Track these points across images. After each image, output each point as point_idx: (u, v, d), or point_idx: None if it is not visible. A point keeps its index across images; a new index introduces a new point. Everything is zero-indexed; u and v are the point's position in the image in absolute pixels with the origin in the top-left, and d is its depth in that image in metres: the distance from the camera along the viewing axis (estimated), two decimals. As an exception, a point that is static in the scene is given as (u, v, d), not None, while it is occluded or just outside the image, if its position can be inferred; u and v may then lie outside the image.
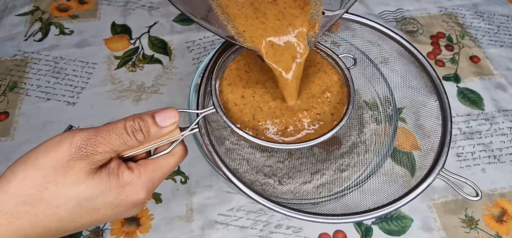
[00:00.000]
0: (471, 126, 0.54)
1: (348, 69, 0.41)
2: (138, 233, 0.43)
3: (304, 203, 0.44)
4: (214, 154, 0.35)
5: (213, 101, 0.38)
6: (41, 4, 0.65)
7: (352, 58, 0.45)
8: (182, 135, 0.34)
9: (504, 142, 0.53)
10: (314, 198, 0.44)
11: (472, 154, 0.51)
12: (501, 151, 0.52)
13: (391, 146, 0.44)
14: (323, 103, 0.39)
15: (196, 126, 0.36)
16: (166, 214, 0.45)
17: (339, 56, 0.42)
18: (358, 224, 0.45)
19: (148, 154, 0.35)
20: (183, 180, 0.47)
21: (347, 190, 0.43)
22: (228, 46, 0.41)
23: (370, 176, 0.44)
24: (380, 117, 0.49)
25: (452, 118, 0.55)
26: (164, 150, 0.34)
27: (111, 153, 0.31)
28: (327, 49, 0.43)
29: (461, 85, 0.59)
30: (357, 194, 0.47)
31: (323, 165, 0.45)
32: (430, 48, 0.63)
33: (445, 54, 0.63)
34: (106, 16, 0.64)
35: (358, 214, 0.35)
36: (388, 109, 0.48)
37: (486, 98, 0.57)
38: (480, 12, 0.69)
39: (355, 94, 0.40)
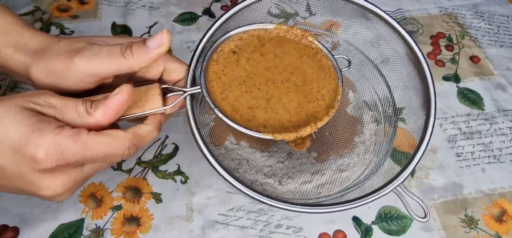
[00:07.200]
0: (471, 126, 0.54)
1: (340, 70, 0.42)
2: (138, 233, 0.43)
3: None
4: (195, 131, 0.36)
5: (200, 82, 0.38)
6: (42, 4, 0.65)
7: (347, 59, 0.45)
8: (164, 109, 0.36)
9: (504, 142, 0.53)
10: (314, 198, 0.44)
11: (472, 154, 0.52)
12: (501, 151, 0.52)
13: (390, 146, 0.44)
14: (314, 102, 0.40)
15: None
16: (166, 214, 0.45)
17: (334, 57, 0.43)
18: (358, 224, 0.45)
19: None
20: (183, 180, 0.48)
21: (347, 190, 0.44)
22: (221, 28, 0.42)
23: (370, 176, 0.44)
24: (380, 117, 0.49)
25: (453, 117, 0.55)
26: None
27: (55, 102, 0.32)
28: (325, 50, 0.43)
29: (461, 85, 0.59)
30: (357, 194, 0.47)
31: (323, 165, 0.46)
32: (430, 48, 0.63)
33: (445, 54, 0.63)
34: (106, 17, 0.64)
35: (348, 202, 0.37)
36: (388, 109, 0.48)
37: (486, 98, 0.57)
38: (480, 12, 0.69)
39: (342, 96, 0.41)
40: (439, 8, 0.69)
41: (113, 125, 0.36)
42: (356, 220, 0.46)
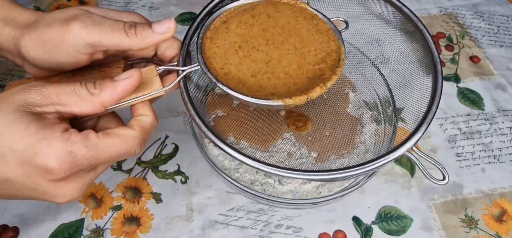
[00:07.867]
0: (471, 126, 0.54)
1: (339, 32, 0.41)
2: (138, 233, 0.43)
3: (304, 203, 0.44)
4: (192, 111, 0.35)
5: (198, 58, 0.37)
6: (42, 4, 0.65)
7: (344, 21, 0.45)
8: (164, 90, 0.35)
9: (504, 142, 0.53)
10: (314, 198, 0.44)
11: (472, 154, 0.52)
12: (501, 151, 0.52)
13: (390, 146, 0.44)
14: (314, 65, 0.39)
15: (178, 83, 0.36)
16: (166, 214, 0.45)
17: (331, 20, 0.42)
18: (358, 224, 0.45)
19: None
20: (183, 180, 0.48)
21: (347, 189, 0.44)
22: (216, 6, 0.42)
23: (370, 176, 0.44)
24: (380, 117, 0.49)
25: (453, 117, 0.55)
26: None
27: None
28: (320, 15, 0.42)
29: (461, 85, 0.59)
30: (357, 194, 0.47)
31: (323, 165, 0.46)
32: (430, 48, 0.63)
33: (445, 54, 0.63)
34: (106, 16, 0.64)
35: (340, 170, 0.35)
36: (388, 109, 0.48)
37: (486, 98, 0.57)
38: (480, 12, 0.69)
39: (345, 58, 0.40)
40: (439, 8, 0.69)
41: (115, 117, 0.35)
42: (356, 220, 0.46)
